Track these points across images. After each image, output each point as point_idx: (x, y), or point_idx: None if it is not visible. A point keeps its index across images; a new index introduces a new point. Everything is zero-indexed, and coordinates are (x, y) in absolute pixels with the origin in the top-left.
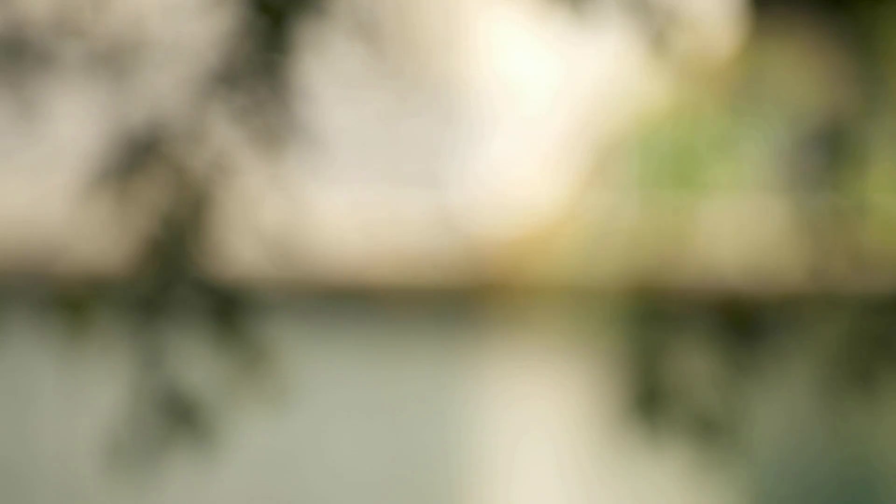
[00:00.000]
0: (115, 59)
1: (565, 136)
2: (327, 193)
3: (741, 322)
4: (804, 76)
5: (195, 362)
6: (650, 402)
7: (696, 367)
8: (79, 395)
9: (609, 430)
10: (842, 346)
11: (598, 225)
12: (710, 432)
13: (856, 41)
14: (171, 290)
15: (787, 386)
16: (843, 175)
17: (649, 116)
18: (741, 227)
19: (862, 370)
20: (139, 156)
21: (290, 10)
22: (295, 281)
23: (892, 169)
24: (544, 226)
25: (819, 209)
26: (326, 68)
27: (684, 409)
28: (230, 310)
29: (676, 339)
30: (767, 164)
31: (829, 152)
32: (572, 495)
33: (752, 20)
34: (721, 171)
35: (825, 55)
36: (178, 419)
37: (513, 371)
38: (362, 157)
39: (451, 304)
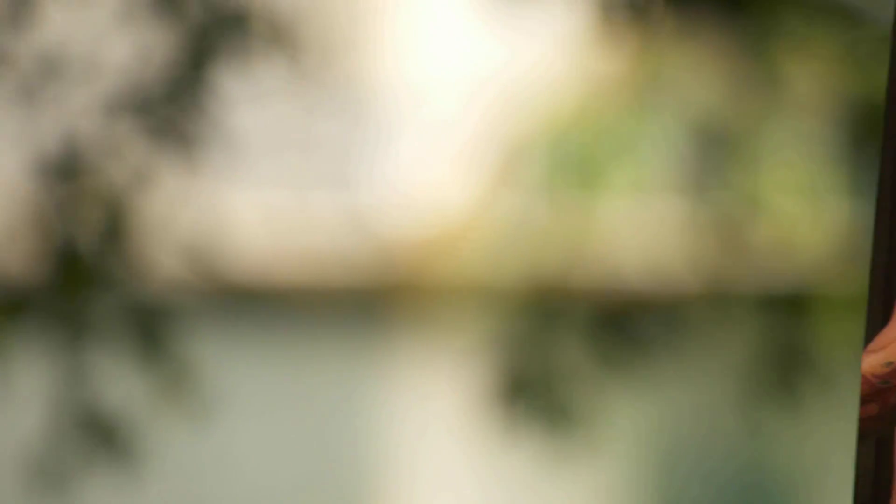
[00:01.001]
0: (31, 76)
1: (474, 138)
2: (238, 195)
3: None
4: (704, 78)
5: (116, 375)
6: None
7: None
8: None
9: (499, 427)
10: (738, 345)
11: (506, 226)
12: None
13: (753, 43)
14: (92, 305)
15: (682, 385)
16: (740, 176)
17: (556, 118)
18: (644, 228)
19: (757, 369)
20: (56, 172)
21: (205, 17)
22: (208, 284)
23: (787, 170)
24: (453, 227)
25: (717, 210)
26: (237, 71)
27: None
28: (150, 321)
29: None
30: (669, 166)
31: (726, 154)
32: (470, 492)
33: (657, 22)
34: (625, 172)
35: (724, 57)
36: (97, 434)
37: (421, 371)
38: (272, 158)
39: (362, 305)
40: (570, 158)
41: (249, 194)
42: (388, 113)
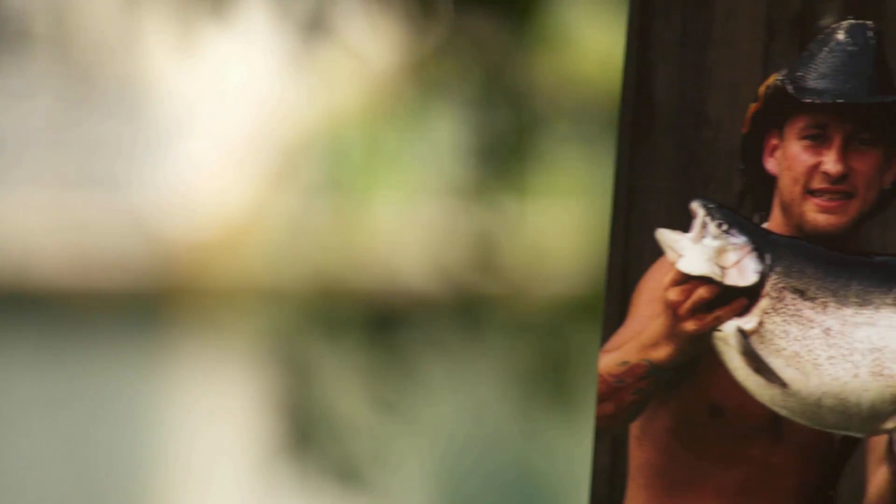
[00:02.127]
0: None
1: (252, 140)
2: (11, 195)
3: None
4: (478, 82)
5: None
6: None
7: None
8: None
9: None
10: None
11: (285, 228)
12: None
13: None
14: None
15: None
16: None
17: (335, 121)
18: (422, 229)
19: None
20: None
21: None
22: None
23: (567, 174)
24: (231, 229)
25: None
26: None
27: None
28: None
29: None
30: (446, 169)
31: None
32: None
33: (439, 23)
34: (402, 174)
35: (506, 60)
36: None
37: (200, 374)
38: (47, 158)
39: (140, 307)
40: (349, 161)
41: (23, 194)
42: (167, 114)
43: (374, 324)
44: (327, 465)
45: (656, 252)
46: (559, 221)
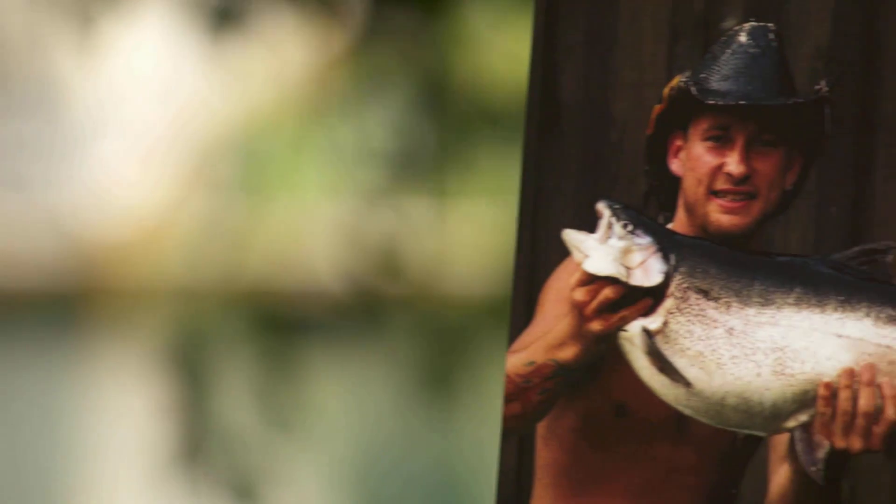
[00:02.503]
0: None
1: (167, 139)
2: None
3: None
4: (395, 83)
5: None
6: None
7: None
8: None
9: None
10: (426, 347)
11: (200, 228)
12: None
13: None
14: None
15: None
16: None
17: (250, 120)
18: (334, 231)
19: (413, 371)
20: None
21: None
22: None
23: (474, 174)
24: (147, 228)
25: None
26: None
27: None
28: None
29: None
30: (358, 169)
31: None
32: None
33: (360, 22)
34: (317, 175)
35: (417, 60)
36: None
37: (113, 376)
38: None
39: (55, 307)
40: (263, 160)
41: None
42: (81, 114)
43: (279, 326)
44: (220, 476)
45: (563, 252)
46: (467, 222)
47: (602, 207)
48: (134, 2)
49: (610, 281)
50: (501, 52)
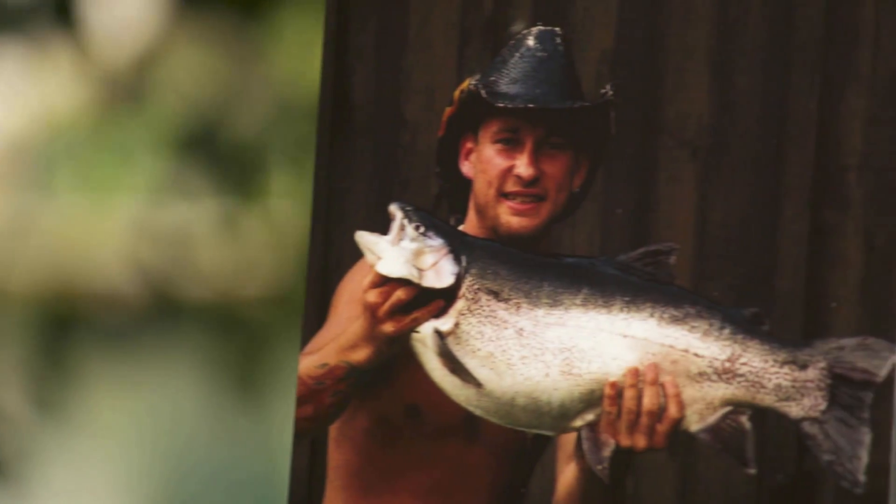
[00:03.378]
0: None
1: None
2: None
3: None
4: (205, 82)
5: None
6: None
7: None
8: None
9: None
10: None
11: (9, 228)
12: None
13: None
14: None
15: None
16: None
17: (55, 119)
18: (127, 231)
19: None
20: None
21: None
22: None
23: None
24: None
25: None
26: None
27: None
28: None
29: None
30: (156, 168)
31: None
32: None
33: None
34: (124, 174)
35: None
36: None
37: None
38: None
39: None
40: (56, 160)
41: None
42: None
43: (67, 326)
44: None
45: (356, 254)
46: (262, 223)
47: (394, 209)
48: None
49: (402, 283)
50: (296, 53)
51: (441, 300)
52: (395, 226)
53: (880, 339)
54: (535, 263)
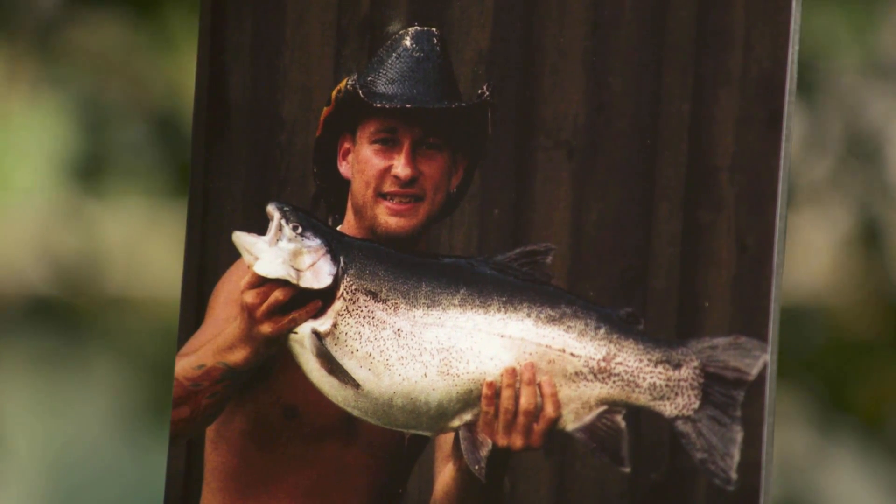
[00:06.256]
0: None
1: None
2: None
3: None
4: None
5: None
6: None
7: None
8: None
9: None
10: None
11: None
12: None
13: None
14: None
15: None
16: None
17: None
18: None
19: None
20: None
21: None
22: None
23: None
24: None
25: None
26: None
27: None
28: None
29: None
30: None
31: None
32: None
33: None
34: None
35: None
36: None
37: None
38: None
39: None
40: None
41: None
42: None
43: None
44: None
45: (233, 254)
46: (138, 224)
47: (272, 209)
48: None
49: (280, 283)
50: (175, 53)
51: (319, 301)
52: (272, 226)
53: (752, 338)
54: (413, 264)
